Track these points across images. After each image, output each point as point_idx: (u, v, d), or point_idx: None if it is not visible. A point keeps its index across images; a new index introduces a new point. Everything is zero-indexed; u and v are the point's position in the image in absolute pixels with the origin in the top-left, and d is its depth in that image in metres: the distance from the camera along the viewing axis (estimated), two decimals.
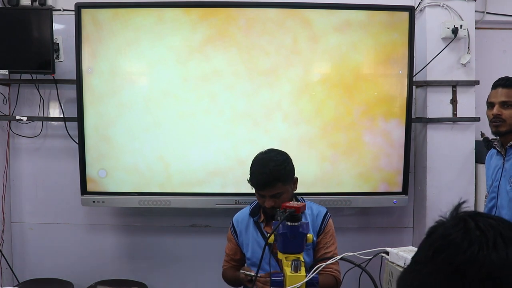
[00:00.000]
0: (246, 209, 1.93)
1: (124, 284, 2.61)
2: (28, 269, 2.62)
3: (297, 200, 1.84)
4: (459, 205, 0.50)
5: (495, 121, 1.84)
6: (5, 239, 2.56)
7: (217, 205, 2.34)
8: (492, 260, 0.42)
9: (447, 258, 0.45)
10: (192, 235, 2.62)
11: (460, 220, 0.47)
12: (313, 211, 1.85)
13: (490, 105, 1.86)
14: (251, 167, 1.76)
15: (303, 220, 1.50)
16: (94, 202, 2.36)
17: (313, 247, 1.83)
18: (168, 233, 2.63)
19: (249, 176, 1.75)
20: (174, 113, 2.33)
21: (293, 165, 1.78)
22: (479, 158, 2.41)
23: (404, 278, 0.48)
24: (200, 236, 2.62)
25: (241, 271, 1.64)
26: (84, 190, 2.34)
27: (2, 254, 2.53)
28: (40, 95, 2.52)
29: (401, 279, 0.48)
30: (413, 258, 0.49)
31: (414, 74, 2.37)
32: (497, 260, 0.42)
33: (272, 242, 1.38)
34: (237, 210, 1.98)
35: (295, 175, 1.80)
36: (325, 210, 1.86)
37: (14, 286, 2.50)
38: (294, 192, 1.84)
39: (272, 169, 1.68)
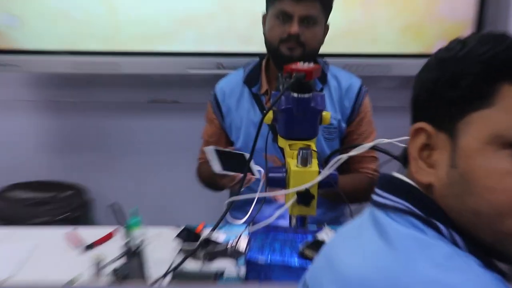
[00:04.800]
0: (238, 75, 1.98)
1: (54, 188, 2.76)
2: None
3: (315, 63, 1.87)
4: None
5: None
6: None
7: (189, 70, 2.41)
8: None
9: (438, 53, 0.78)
10: (153, 115, 2.74)
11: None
12: (341, 83, 1.90)
13: None
14: None
15: (320, 92, 1.55)
16: (2, 66, 2.39)
17: (340, 137, 1.92)
18: (117, 113, 2.74)
19: None
20: None
21: None
22: None
23: None
24: (164, 117, 2.73)
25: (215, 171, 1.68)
26: None
27: None
28: None
29: None
30: None
31: None
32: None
33: (270, 123, 1.41)
34: (220, 78, 2.03)
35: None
36: (359, 82, 1.92)
37: None
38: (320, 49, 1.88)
39: None
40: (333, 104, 1.89)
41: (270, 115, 1.38)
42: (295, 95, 1.31)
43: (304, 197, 1.26)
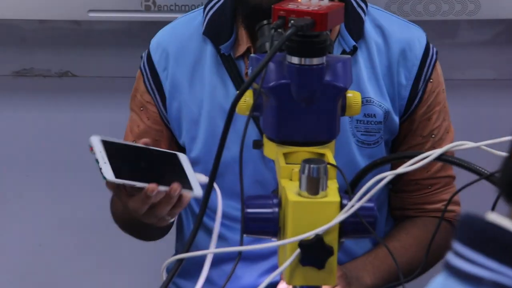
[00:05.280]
0: (191, 21, 2.08)
1: None
2: None
3: None
4: None
5: None
6: None
7: (92, 15, 2.60)
8: None
9: None
10: (23, 99, 2.96)
11: None
12: (390, 38, 1.99)
13: None
14: None
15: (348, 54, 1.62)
16: None
17: (388, 141, 2.01)
18: None
19: None
20: None
21: None
22: None
23: None
24: (44, 102, 2.96)
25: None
26: None
27: None
28: None
29: None
30: None
31: None
32: None
33: (249, 113, 1.39)
34: (153, 28, 2.15)
35: None
36: (423, 37, 2.03)
37: None
38: None
39: None
40: (376, 79, 1.98)
41: (249, 98, 1.39)
42: (295, 60, 1.37)
43: (313, 253, 1.31)
